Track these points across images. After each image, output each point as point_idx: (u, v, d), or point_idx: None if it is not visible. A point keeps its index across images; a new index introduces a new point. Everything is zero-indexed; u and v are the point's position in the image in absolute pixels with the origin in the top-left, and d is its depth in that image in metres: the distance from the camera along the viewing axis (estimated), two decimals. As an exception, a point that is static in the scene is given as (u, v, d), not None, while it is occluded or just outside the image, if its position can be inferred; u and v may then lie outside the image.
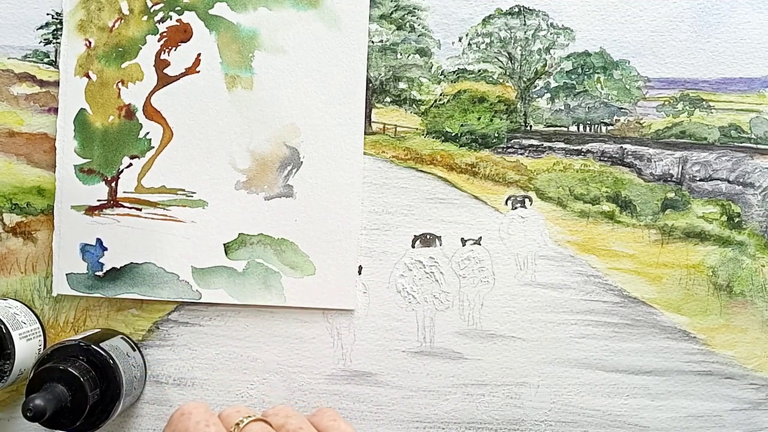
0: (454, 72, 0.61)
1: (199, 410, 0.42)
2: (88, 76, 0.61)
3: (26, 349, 0.58)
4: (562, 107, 0.61)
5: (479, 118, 0.61)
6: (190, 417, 0.41)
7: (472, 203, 0.61)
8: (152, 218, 0.61)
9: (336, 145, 0.60)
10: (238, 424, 0.40)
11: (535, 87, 0.61)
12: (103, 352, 0.56)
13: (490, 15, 0.61)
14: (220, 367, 0.62)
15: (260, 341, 0.62)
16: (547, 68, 0.61)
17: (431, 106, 0.61)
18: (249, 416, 0.41)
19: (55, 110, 0.61)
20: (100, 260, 0.61)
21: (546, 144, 0.61)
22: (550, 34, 0.61)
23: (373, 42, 0.61)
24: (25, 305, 0.62)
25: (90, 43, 0.60)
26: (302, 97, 0.60)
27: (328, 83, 0.60)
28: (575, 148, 0.61)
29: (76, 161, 0.61)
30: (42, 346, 0.61)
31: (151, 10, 0.60)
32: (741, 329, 0.61)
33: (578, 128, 0.61)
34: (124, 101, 0.61)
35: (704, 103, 0.60)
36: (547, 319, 0.61)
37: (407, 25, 0.61)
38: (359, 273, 0.61)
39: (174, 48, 0.60)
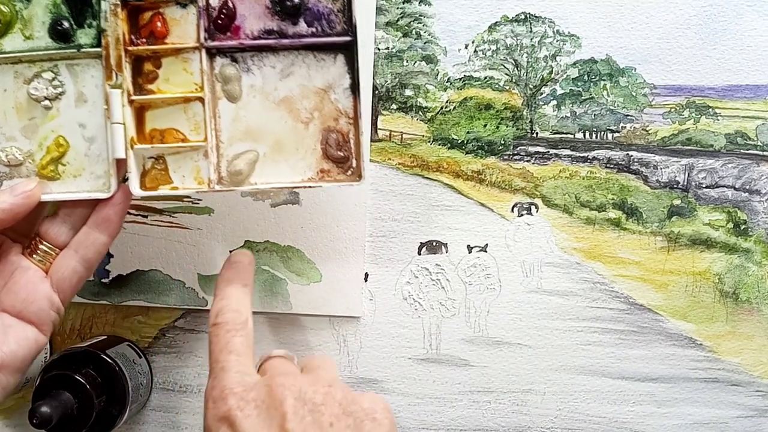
0: (460, 79, 0.61)
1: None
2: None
3: (34, 357, 0.58)
4: (569, 114, 0.61)
5: (485, 125, 0.61)
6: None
7: (479, 210, 0.61)
8: (158, 225, 0.61)
9: (342, 152, 0.60)
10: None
11: (542, 94, 0.61)
12: (109, 359, 0.56)
13: (496, 22, 0.61)
14: (226, 373, 0.62)
15: (266, 348, 0.61)
16: (553, 75, 0.61)
17: (437, 113, 0.61)
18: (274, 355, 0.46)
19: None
20: (106, 267, 0.61)
21: (552, 151, 0.61)
22: (557, 41, 0.61)
23: (379, 49, 0.61)
24: (32, 312, 0.62)
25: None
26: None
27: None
28: (581, 155, 0.61)
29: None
30: (48, 354, 0.61)
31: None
32: (747, 336, 0.61)
33: (584, 135, 0.61)
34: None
35: (710, 110, 0.60)
36: (554, 326, 0.61)
37: (413, 32, 0.61)
38: (365, 280, 0.61)
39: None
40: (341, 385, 0.42)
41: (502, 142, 0.61)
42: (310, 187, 0.48)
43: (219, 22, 0.47)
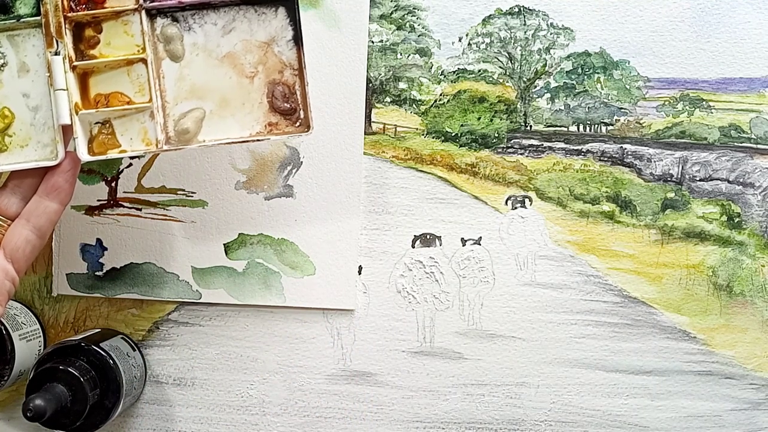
0: (454, 72, 0.61)
1: None
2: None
3: (26, 350, 0.58)
4: (562, 107, 0.61)
5: (479, 118, 0.61)
6: None
7: (472, 203, 0.61)
8: (152, 218, 0.61)
9: (336, 145, 0.60)
10: None
11: (535, 87, 0.61)
12: (103, 352, 0.56)
13: (490, 15, 0.61)
14: (220, 367, 0.62)
15: (260, 341, 0.62)
16: (547, 68, 0.61)
17: (431, 106, 0.61)
18: None
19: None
20: (100, 260, 0.61)
21: (546, 144, 0.61)
22: (550, 34, 0.60)
23: (373, 42, 0.61)
24: (25, 306, 0.62)
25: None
26: (302, 97, 0.60)
27: (328, 83, 0.60)
28: (575, 148, 0.61)
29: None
30: (42, 347, 0.61)
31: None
32: (741, 329, 0.61)
33: (578, 128, 0.61)
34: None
35: (704, 103, 0.60)
36: (547, 319, 0.61)
37: (407, 25, 0.61)
38: (359, 273, 0.61)
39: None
40: None
41: (496, 135, 0.61)
42: (258, 140, 0.49)
43: None
